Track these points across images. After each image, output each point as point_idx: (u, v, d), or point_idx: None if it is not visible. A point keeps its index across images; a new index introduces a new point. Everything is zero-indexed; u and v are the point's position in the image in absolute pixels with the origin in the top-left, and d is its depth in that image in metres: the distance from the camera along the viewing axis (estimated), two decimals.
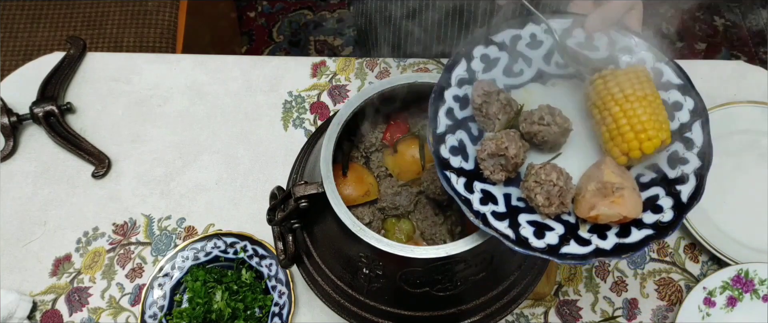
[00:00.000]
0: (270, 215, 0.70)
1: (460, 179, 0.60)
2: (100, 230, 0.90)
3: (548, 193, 0.58)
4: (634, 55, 0.66)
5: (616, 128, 0.59)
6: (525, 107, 0.64)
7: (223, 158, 0.96)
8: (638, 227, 0.58)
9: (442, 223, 0.73)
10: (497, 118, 0.62)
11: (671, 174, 0.61)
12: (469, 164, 0.62)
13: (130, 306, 0.86)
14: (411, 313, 0.65)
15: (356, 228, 0.59)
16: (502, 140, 0.59)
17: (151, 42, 1.49)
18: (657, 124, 0.58)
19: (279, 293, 0.83)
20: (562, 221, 0.60)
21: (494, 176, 0.60)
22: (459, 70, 0.64)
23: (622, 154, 0.59)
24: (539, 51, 0.67)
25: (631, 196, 0.57)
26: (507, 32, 0.66)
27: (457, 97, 0.64)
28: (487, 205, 0.59)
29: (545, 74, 0.67)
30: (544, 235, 0.58)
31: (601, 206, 0.57)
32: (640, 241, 0.57)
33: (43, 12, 1.52)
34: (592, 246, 0.58)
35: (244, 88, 1.02)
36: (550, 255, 0.56)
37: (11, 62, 1.44)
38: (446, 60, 1.02)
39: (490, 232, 0.57)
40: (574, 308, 0.85)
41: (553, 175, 0.58)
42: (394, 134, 0.75)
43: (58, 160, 0.95)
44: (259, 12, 2.30)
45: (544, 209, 0.59)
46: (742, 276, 0.82)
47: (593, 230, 0.59)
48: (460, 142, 0.63)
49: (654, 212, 0.59)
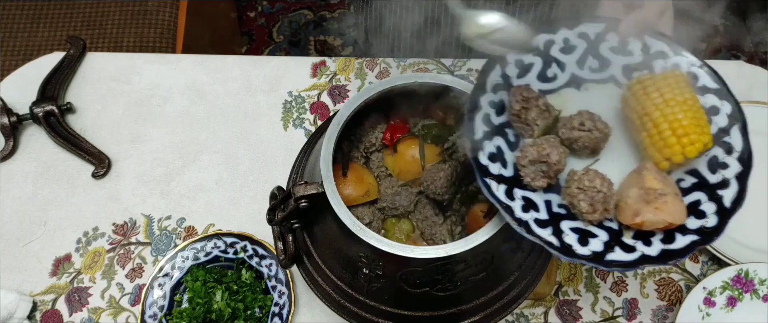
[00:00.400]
0: (270, 215, 0.70)
1: (500, 187, 0.59)
2: (100, 230, 0.90)
3: (592, 200, 0.57)
4: (669, 60, 0.65)
5: (657, 133, 0.59)
6: (562, 113, 0.64)
7: (223, 158, 0.96)
8: (683, 233, 0.58)
9: (442, 223, 0.73)
10: (536, 124, 0.61)
11: (712, 179, 0.60)
12: (508, 171, 0.61)
13: (130, 306, 0.86)
14: (411, 313, 0.65)
15: (356, 228, 0.59)
16: (544, 146, 0.59)
17: (151, 42, 1.49)
18: (699, 128, 0.58)
19: (279, 293, 0.83)
20: (605, 227, 0.59)
21: (535, 182, 0.59)
22: (494, 75, 0.64)
23: (664, 159, 0.59)
24: (573, 55, 0.66)
25: (674, 202, 0.57)
26: (541, 37, 0.66)
27: (493, 102, 0.63)
28: (528, 212, 0.58)
29: (579, 79, 0.66)
30: (588, 242, 0.57)
31: (646, 213, 0.56)
32: (686, 247, 0.57)
33: (43, 12, 1.52)
34: (638, 253, 0.57)
35: (244, 88, 1.02)
36: (596, 263, 0.56)
37: (11, 62, 1.44)
38: (446, 60, 1.02)
39: (533, 240, 0.56)
40: (574, 308, 0.85)
41: (597, 181, 0.58)
42: (394, 134, 0.75)
43: (58, 160, 0.95)
44: (259, 12, 2.30)
45: (587, 216, 0.58)
46: (742, 276, 0.82)
47: (637, 236, 0.58)
48: (498, 148, 0.62)
49: (697, 217, 0.59)
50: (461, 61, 1.02)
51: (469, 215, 0.72)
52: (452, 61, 1.02)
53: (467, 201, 0.73)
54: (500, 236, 0.59)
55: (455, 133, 0.76)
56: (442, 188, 0.71)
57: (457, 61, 1.02)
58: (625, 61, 0.66)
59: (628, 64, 0.66)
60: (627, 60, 0.66)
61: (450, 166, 0.72)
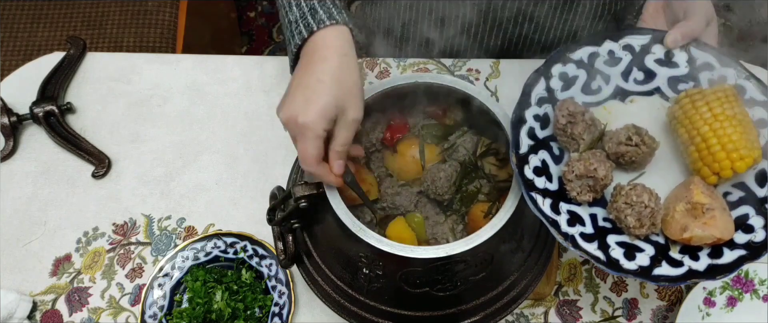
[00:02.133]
0: (270, 215, 0.70)
1: (546, 201, 0.59)
2: (100, 230, 0.90)
3: (639, 215, 0.57)
4: (715, 72, 0.65)
5: (706, 148, 0.58)
6: (607, 126, 0.64)
7: (223, 158, 0.96)
8: (730, 248, 0.57)
9: (443, 222, 0.73)
10: (582, 138, 0.61)
11: (760, 193, 0.60)
12: (553, 185, 0.61)
13: (130, 306, 0.86)
14: (411, 313, 0.65)
15: (356, 228, 0.59)
16: (591, 161, 0.58)
17: (151, 42, 1.49)
18: (749, 143, 0.57)
19: (279, 293, 0.83)
20: (651, 241, 0.59)
21: (581, 197, 0.59)
22: (538, 89, 0.64)
23: (712, 173, 0.58)
24: (617, 68, 0.66)
25: (722, 216, 0.56)
26: (585, 49, 0.66)
27: (538, 116, 0.63)
28: (574, 226, 0.58)
29: (624, 91, 0.66)
30: (634, 256, 0.57)
31: (694, 228, 0.56)
32: (734, 262, 0.56)
33: (43, 12, 1.52)
34: (685, 268, 0.56)
35: (244, 88, 1.02)
36: (643, 277, 0.56)
37: (11, 62, 1.43)
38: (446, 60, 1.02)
39: (581, 253, 0.56)
40: (574, 308, 0.85)
41: (644, 196, 0.57)
42: (394, 134, 0.75)
43: (58, 160, 0.95)
44: (259, 12, 2.30)
45: (634, 230, 0.58)
46: (742, 276, 0.82)
47: (684, 251, 0.58)
48: (542, 162, 0.62)
49: (745, 232, 0.58)
50: (461, 61, 1.02)
51: (469, 215, 0.72)
52: (452, 61, 1.02)
53: (467, 201, 0.73)
54: (500, 236, 0.59)
55: (455, 133, 0.76)
56: (442, 188, 0.71)
57: (457, 61, 1.02)
58: (671, 73, 0.66)
59: (673, 76, 0.66)
60: (673, 72, 0.66)
61: (450, 166, 0.72)
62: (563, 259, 0.87)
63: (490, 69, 1.01)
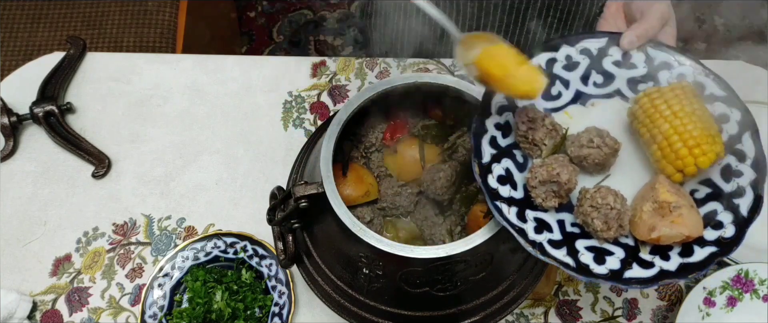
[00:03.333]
0: (270, 215, 0.70)
1: (511, 209, 0.58)
2: (100, 230, 0.90)
3: (606, 217, 0.57)
4: (673, 70, 0.65)
5: (668, 146, 0.58)
6: (569, 130, 0.63)
7: (223, 158, 0.96)
8: (701, 245, 0.57)
9: (442, 223, 0.73)
10: (543, 144, 0.61)
11: (727, 188, 0.60)
12: (518, 193, 0.60)
13: (130, 306, 0.86)
14: (411, 313, 0.65)
15: (356, 228, 0.59)
16: (553, 166, 0.58)
17: (151, 42, 1.49)
18: (710, 138, 0.57)
19: (279, 293, 0.83)
20: (621, 244, 0.58)
21: (547, 203, 0.59)
22: (498, 97, 0.63)
23: (676, 171, 0.58)
24: (576, 72, 0.66)
25: (690, 214, 0.56)
26: (542, 56, 0.66)
27: (499, 124, 0.63)
28: (542, 233, 0.58)
29: (584, 95, 0.66)
30: (604, 260, 0.57)
31: (662, 227, 0.56)
32: (705, 259, 0.56)
33: (43, 12, 1.52)
34: (656, 269, 0.56)
35: (244, 88, 1.02)
36: (614, 281, 0.55)
37: (11, 62, 1.43)
38: (446, 60, 1.02)
39: (549, 261, 0.55)
40: (574, 308, 0.85)
41: (610, 198, 0.57)
42: (394, 134, 0.75)
43: (58, 160, 0.95)
44: (259, 12, 2.30)
45: (602, 233, 0.57)
46: (742, 276, 0.82)
47: (655, 251, 0.58)
48: (506, 170, 0.61)
49: (715, 228, 0.58)
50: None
51: (469, 215, 0.72)
52: (452, 61, 1.02)
53: (467, 201, 0.73)
54: (500, 236, 0.59)
55: (455, 133, 0.76)
56: (442, 188, 0.71)
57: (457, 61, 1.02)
58: (630, 75, 0.66)
59: (632, 77, 0.66)
60: (631, 73, 0.66)
61: (450, 166, 0.72)
62: None
63: None
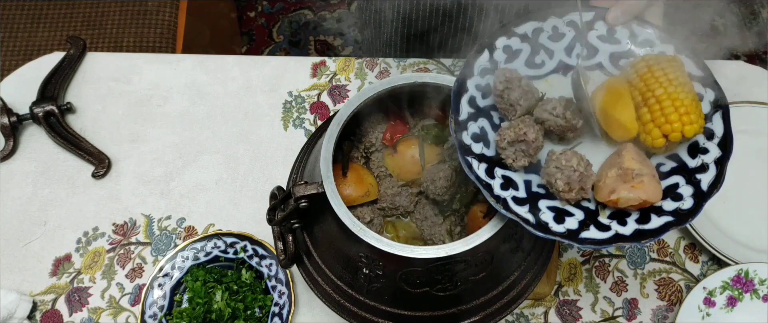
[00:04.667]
0: (270, 215, 0.70)
1: (481, 165, 0.61)
2: (100, 230, 0.90)
3: (568, 178, 0.59)
4: (655, 48, 0.66)
5: (659, 110, 0.60)
6: (545, 96, 0.65)
7: (223, 158, 0.96)
8: (658, 214, 0.59)
9: (442, 223, 0.73)
10: (518, 104, 0.63)
11: (691, 164, 0.61)
12: (490, 151, 0.62)
13: (130, 306, 0.86)
14: (411, 313, 0.65)
15: (356, 228, 0.59)
16: (520, 127, 0.60)
17: (151, 42, 1.49)
18: (698, 110, 0.59)
19: (279, 293, 0.83)
20: (582, 207, 0.61)
21: (517, 162, 0.61)
22: (482, 60, 0.65)
23: (661, 135, 0.60)
24: (561, 43, 0.68)
25: (650, 182, 0.58)
26: (529, 24, 0.67)
27: (479, 86, 0.65)
28: (507, 190, 0.60)
29: (566, 66, 0.67)
30: (563, 220, 0.59)
31: (621, 190, 0.58)
32: (660, 227, 0.58)
33: (43, 12, 1.52)
34: (612, 232, 0.58)
35: (244, 88, 1.02)
36: (570, 240, 0.57)
37: (11, 62, 1.43)
38: (446, 60, 1.02)
39: (510, 216, 0.57)
40: (574, 308, 0.85)
41: (574, 161, 0.59)
42: (394, 134, 0.75)
43: (58, 160, 0.95)
44: (259, 12, 2.30)
45: (564, 194, 0.59)
46: (742, 276, 0.82)
47: (613, 216, 0.60)
48: (481, 129, 0.63)
49: (674, 200, 0.60)
50: (461, 61, 1.02)
51: (469, 215, 0.72)
52: (452, 61, 1.02)
53: (467, 201, 0.73)
54: (500, 236, 0.59)
55: None
56: (442, 188, 0.71)
57: (457, 61, 1.02)
58: (613, 49, 0.67)
59: (615, 52, 0.67)
60: (614, 48, 0.67)
61: (450, 166, 0.72)
62: (563, 259, 0.87)
63: None
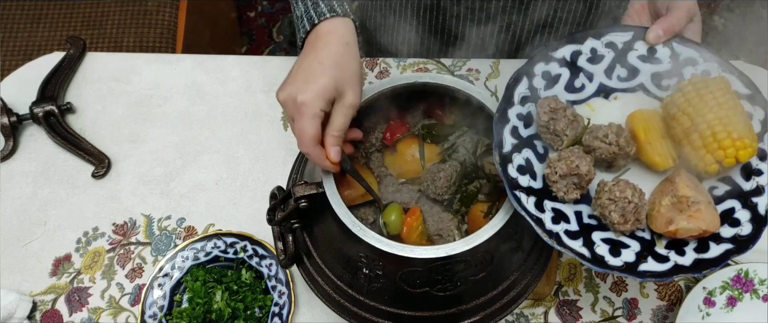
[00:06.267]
0: (270, 215, 0.70)
1: (530, 199, 0.59)
2: (100, 230, 0.90)
3: (623, 210, 0.57)
4: (698, 67, 0.65)
5: (711, 135, 0.58)
6: (591, 123, 0.64)
7: (223, 158, 0.96)
8: (717, 242, 0.57)
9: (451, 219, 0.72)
10: (564, 134, 0.61)
11: (746, 186, 0.60)
12: (537, 183, 0.61)
13: (130, 306, 0.86)
14: (411, 313, 0.65)
15: (356, 228, 0.59)
16: (571, 159, 0.58)
17: (151, 42, 1.49)
18: (751, 133, 0.58)
19: (279, 293, 0.83)
20: (637, 237, 0.59)
21: (569, 195, 0.59)
22: (521, 87, 0.64)
23: (714, 161, 0.58)
24: (600, 65, 0.66)
25: (707, 210, 0.56)
26: (567, 48, 0.66)
27: (521, 115, 0.63)
28: (559, 224, 0.58)
29: (607, 88, 0.66)
30: (620, 253, 0.57)
31: (679, 221, 0.56)
32: (720, 256, 0.56)
33: (43, 12, 1.52)
34: (671, 263, 0.57)
35: (244, 88, 1.01)
36: (628, 273, 0.55)
37: (11, 62, 1.43)
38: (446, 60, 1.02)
39: (565, 251, 0.56)
40: (574, 308, 0.85)
41: (628, 192, 0.57)
42: (393, 134, 0.75)
43: (58, 160, 0.95)
44: (259, 12, 2.30)
45: (619, 226, 0.58)
46: (742, 276, 0.82)
47: (670, 246, 0.58)
48: (526, 160, 0.62)
49: (732, 226, 0.58)
50: (461, 61, 1.02)
51: (469, 215, 0.72)
52: (452, 61, 1.02)
53: (467, 201, 0.73)
54: (500, 236, 0.59)
55: (455, 133, 0.76)
56: (442, 188, 0.71)
57: (457, 61, 1.02)
58: (655, 69, 0.66)
59: (657, 71, 0.66)
60: (656, 68, 0.66)
61: (450, 166, 0.72)
62: (563, 259, 0.87)
63: (490, 69, 1.01)
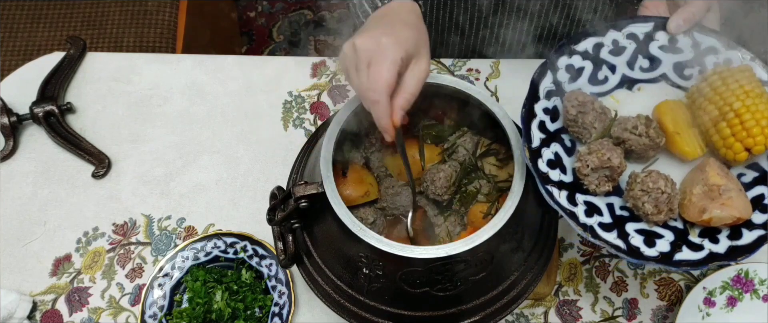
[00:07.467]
0: (270, 215, 0.70)
1: (562, 193, 0.59)
2: (100, 230, 0.90)
3: (656, 201, 0.57)
4: (720, 55, 0.65)
5: (739, 124, 0.58)
6: (618, 114, 0.64)
7: (223, 158, 0.96)
8: (749, 229, 0.58)
9: (442, 223, 0.73)
10: (593, 127, 0.62)
11: None
12: (567, 177, 0.61)
13: (130, 306, 0.86)
14: (411, 313, 0.65)
15: (356, 228, 0.59)
16: (603, 152, 0.59)
17: (151, 42, 1.49)
18: None
19: (279, 293, 0.83)
20: (670, 227, 0.59)
21: (601, 188, 0.60)
22: (546, 82, 0.64)
23: (743, 149, 0.58)
24: (622, 57, 0.67)
25: (739, 197, 0.57)
26: (589, 41, 0.66)
27: (547, 109, 0.64)
28: (592, 217, 0.59)
29: (630, 79, 0.67)
30: (654, 243, 0.58)
31: (713, 209, 0.56)
32: (754, 242, 0.57)
33: (43, 12, 1.52)
34: (706, 251, 0.57)
35: (244, 88, 1.02)
36: (664, 263, 0.56)
37: (11, 62, 1.43)
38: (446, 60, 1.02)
39: (600, 244, 0.56)
40: (574, 308, 0.85)
41: (660, 183, 0.58)
42: None
43: (58, 160, 0.95)
44: (259, 12, 2.30)
45: (653, 217, 0.58)
46: (742, 276, 0.82)
47: (703, 234, 0.58)
48: (555, 155, 0.62)
49: (762, 211, 0.58)
50: (461, 61, 1.02)
51: (469, 215, 0.72)
52: (452, 61, 1.02)
53: (467, 201, 0.73)
54: (500, 236, 0.59)
55: (455, 133, 0.76)
56: (442, 188, 0.71)
57: (457, 61, 1.02)
58: (676, 59, 0.66)
59: (679, 61, 0.66)
60: (678, 58, 0.66)
61: (450, 166, 0.72)
62: (563, 259, 0.87)
63: (490, 69, 1.01)
